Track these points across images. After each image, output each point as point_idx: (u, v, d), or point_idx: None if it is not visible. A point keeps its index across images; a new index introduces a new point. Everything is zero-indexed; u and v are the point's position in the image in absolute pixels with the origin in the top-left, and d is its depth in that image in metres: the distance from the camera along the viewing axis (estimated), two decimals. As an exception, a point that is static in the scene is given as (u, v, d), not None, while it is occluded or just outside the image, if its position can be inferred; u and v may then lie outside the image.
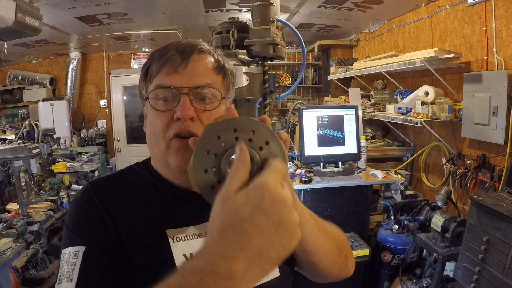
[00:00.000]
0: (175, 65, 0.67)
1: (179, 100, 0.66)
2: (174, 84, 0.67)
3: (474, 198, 1.86)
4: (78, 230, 0.64)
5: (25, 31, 2.45)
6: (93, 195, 0.68)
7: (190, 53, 0.68)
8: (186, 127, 0.65)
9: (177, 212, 0.69)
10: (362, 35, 4.48)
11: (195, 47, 0.69)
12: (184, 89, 0.66)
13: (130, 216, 0.67)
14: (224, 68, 0.72)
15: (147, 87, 0.71)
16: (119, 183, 0.73)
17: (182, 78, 0.67)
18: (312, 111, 2.73)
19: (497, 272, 1.66)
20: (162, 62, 0.68)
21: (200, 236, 0.68)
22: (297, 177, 2.58)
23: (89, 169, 3.60)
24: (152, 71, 0.69)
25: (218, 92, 0.69)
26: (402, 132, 3.56)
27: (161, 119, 0.67)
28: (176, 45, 0.69)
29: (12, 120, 5.03)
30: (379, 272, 2.58)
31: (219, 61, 0.72)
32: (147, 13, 3.53)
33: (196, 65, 0.68)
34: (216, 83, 0.70)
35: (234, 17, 2.48)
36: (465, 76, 2.50)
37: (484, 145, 2.46)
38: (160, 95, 0.67)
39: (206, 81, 0.68)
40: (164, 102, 0.67)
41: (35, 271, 2.72)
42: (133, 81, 5.62)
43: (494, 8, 2.32)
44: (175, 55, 0.67)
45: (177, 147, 0.66)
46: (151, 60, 0.70)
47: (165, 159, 0.68)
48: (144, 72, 0.71)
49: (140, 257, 0.63)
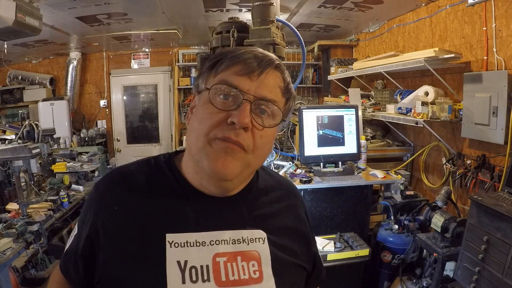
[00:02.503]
0: (249, 69, 0.64)
1: (239, 105, 0.63)
2: (241, 86, 0.63)
3: (474, 198, 1.86)
4: (80, 217, 0.73)
5: (25, 31, 2.45)
6: (100, 196, 0.70)
7: (268, 65, 0.66)
8: (236, 135, 0.62)
9: (184, 216, 0.68)
10: (362, 35, 4.48)
11: (274, 61, 0.67)
12: (249, 96, 0.63)
13: (132, 216, 0.67)
14: (290, 92, 0.70)
15: (208, 79, 0.67)
16: (137, 175, 0.71)
17: (251, 85, 0.64)
18: (312, 111, 2.73)
19: (497, 272, 1.66)
20: (236, 61, 0.65)
21: (203, 244, 0.66)
22: (297, 177, 2.58)
23: (89, 169, 3.60)
24: (221, 66, 0.66)
25: (280, 112, 0.67)
26: (402, 132, 3.56)
27: (213, 116, 0.63)
28: (254, 51, 0.67)
29: (12, 120, 5.03)
30: (379, 272, 2.58)
31: (289, 83, 0.70)
32: (147, 13, 3.53)
33: (269, 78, 0.66)
34: (279, 103, 0.67)
35: (234, 17, 2.48)
36: (465, 76, 2.50)
37: (484, 145, 2.46)
38: (222, 91, 0.64)
39: (272, 96, 0.66)
40: (223, 100, 0.64)
41: (35, 271, 2.72)
42: (133, 81, 5.63)
43: (494, 8, 2.32)
44: (252, 60, 0.65)
45: (219, 147, 0.63)
46: (224, 55, 0.67)
47: (200, 158, 0.65)
48: (211, 64, 0.68)
49: (129, 260, 0.63)
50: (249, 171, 0.70)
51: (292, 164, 2.77)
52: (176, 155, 0.77)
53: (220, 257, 0.66)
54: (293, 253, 0.74)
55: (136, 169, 0.73)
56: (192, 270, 0.63)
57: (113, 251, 0.64)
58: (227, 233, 0.68)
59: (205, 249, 0.65)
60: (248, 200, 0.74)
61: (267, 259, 0.69)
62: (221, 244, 0.67)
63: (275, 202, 0.78)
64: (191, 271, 0.63)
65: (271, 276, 0.68)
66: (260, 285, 0.66)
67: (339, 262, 2.23)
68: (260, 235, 0.71)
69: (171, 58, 5.52)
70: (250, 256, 0.68)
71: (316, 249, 0.84)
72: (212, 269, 0.64)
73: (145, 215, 0.67)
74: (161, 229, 0.65)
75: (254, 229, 0.71)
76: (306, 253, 0.78)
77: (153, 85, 5.66)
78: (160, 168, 0.73)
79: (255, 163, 0.68)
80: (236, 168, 0.64)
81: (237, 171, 0.65)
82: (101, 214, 0.67)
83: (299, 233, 0.78)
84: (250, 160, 0.66)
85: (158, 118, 5.72)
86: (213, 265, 0.65)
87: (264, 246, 0.70)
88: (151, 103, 5.74)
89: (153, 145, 5.76)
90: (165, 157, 0.75)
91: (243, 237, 0.69)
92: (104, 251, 0.65)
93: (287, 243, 0.74)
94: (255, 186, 0.76)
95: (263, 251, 0.69)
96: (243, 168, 0.65)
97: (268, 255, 0.69)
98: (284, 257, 0.72)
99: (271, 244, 0.71)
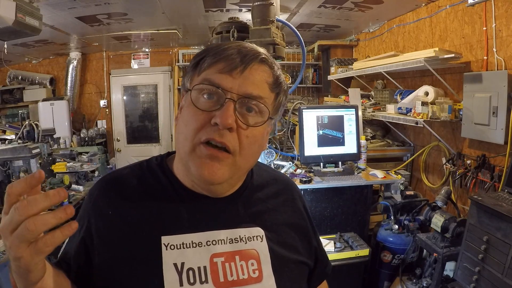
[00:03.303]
0: (231, 66, 0.61)
1: (222, 105, 0.60)
2: (223, 84, 0.61)
3: (474, 198, 1.86)
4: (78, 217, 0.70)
5: (25, 31, 2.45)
6: (94, 201, 0.69)
7: (252, 59, 0.63)
8: (221, 136, 0.60)
9: (179, 217, 0.67)
10: (362, 35, 4.48)
11: (259, 55, 0.64)
12: (232, 95, 0.61)
13: (126, 219, 0.66)
14: (280, 86, 0.67)
15: (192, 78, 0.65)
16: (130, 179, 0.71)
17: (234, 82, 0.61)
18: (312, 111, 2.73)
19: (497, 272, 1.66)
20: (218, 58, 0.62)
21: (199, 245, 0.65)
22: (297, 177, 2.58)
23: (89, 169, 3.60)
24: (204, 64, 0.63)
25: (266, 109, 0.64)
26: (402, 132, 3.56)
27: (196, 118, 0.62)
28: (238, 46, 0.64)
29: (12, 120, 5.03)
30: (379, 272, 2.58)
31: (278, 77, 0.67)
32: (147, 13, 3.53)
33: (254, 74, 0.63)
34: (267, 99, 0.64)
35: (234, 17, 2.49)
36: (465, 76, 2.50)
37: (484, 145, 2.46)
38: (205, 90, 0.62)
39: (258, 93, 0.63)
40: (207, 99, 0.62)
41: (35, 271, 2.72)
42: (133, 81, 5.63)
43: (494, 8, 2.31)
44: (235, 55, 0.62)
45: (203, 154, 0.61)
46: (207, 52, 0.65)
47: (187, 162, 0.64)
48: (194, 63, 0.66)
49: (125, 264, 0.62)
50: (239, 173, 0.68)
51: (292, 164, 2.77)
52: (167, 157, 0.76)
53: (218, 257, 0.65)
54: (293, 249, 0.73)
55: (129, 173, 0.72)
56: (189, 272, 0.62)
57: (108, 255, 0.64)
58: (224, 233, 0.67)
59: (201, 250, 0.64)
60: (243, 198, 0.72)
61: (266, 257, 0.68)
62: (218, 244, 0.66)
63: (271, 198, 0.77)
64: (188, 273, 0.62)
65: (271, 274, 0.67)
66: (260, 285, 0.65)
67: (339, 262, 2.23)
68: (258, 233, 0.69)
69: (171, 58, 5.52)
70: (249, 255, 0.67)
71: (318, 243, 0.83)
72: (210, 270, 0.63)
73: (139, 218, 0.66)
74: (156, 232, 0.64)
75: (251, 226, 0.70)
76: (307, 248, 0.77)
77: (153, 85, 5.66)
78: (152, 170, 0.72)
79: (244, 165, 0.67)
80: (223, 173, 0.63)
81: (225, 176, 0.63)
82: (95, 219, 0.66)
83: (298, 228, 0.77)
84: (238, 162, 0.64)
85: (158, 118, 5.72)
86: (210, 266, 0.64)
87: (262, 244, 0.69)
88: (151, 103, 5.74)
89: (153, 145, 5.76)
90: (157, 160, 0.75)
91: (240, 236, 0.68)
92: (99, 256, 0.64)
93: (286, 239, 0.73)
94: (250, 183, 0.75)
95: (261, 249, 0.68)
96: (231, 172, 0.64)
97: (267, 253, 0.68)
98: (284, 254, 0.71)
99: (269, 241, 0.69)
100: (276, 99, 0.67)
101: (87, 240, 0.65)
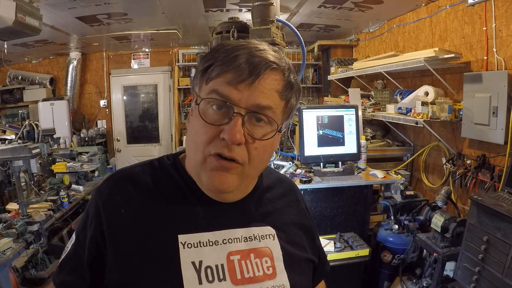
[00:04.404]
0: (240, 78, 0.60)
1: (231, 119, 0.60)
2: (232, 97, 0.60)
3: (474, 198, 1.86)
4: (79, 224, 0.70)
5: (25, 31, 2.45)
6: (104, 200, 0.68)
7: (261, 70, 0.61)
8: (230, 151, 0.60)
9: (195, 216, 0.67)
10: (362, 35, 4.48)
11: (269, 65, 0.62)
12: (240, 109, 0.60)
13: (141, 218, 0.66)
14: (291, 89, 0.66)
15: (201, 86, 0.65)
16: (143, 177, 0.70)
17: (243, 94, 0.60)
18: (312, 111, 2.72)
19: (497, 272, 1.66)
20: (226, 68, 0.61)
21: (216, 244, 0.66)
22: (297, 177, 2.58)
23: (89, 169, 3.60)
24: (212, 73, 0.62)
25: (276, 118, 0.64)
26: (402, 132, 3.56)
27: (205, 131, 0.62)
28: (249, 53, 0.61)
29: (12, 120, 5.03)
30: (379, 272, 2.58)
31: (289, 82, 0.65)
32: (147, 13, 3.53)
33: (263, 84, 0.61)
34: (277, 109, 0.64)
35: (234, 17, 2.48)
36: (465, 76, 2.50)
37: (484, 145, 2.46)
38: (213, 102, 0.61)
39: (267, 103, 0.62)
40: (216, 111, 0.61)
41: (35, 271, 2.72)
42: (133, 81, 5.63)
43: (494, 8, 2.31)
44: (244, 66, 0.60)
45: (213, 166, 0.62)
46: (215, 58, 0.63)
47: (198, 172, 0.65)
48: (203, 69, 0.64)
49: (142, 263, 0.62)
50: (249, 180, 0.70)
51: (292, 164, 2.77)
52: (178, 156, 0.76)
53: (234, 255, 0.66)
54: (301, 247, 0.76)
55: (140, 171, 0.72)
56: (207, 270, 0.63)
57: (123, 255, 0.63)
58: (239, 231, 0.69)
59: (218, 248, 0.66)
60: (254, 198, 0.75)
61: (279, 255, 0.70)
62: (234, 242, 0.67)
63: (279, 199, 0.79)
64: (206, 271, 0.63)
65: (284, 271, 0.69)
66: (274, 281, 0.67)
67: (339, 262, 2.23)
68: (270, 232, 0.72)
69: (171, 58, 5.52)
70: (263, 252, 0.69)
71: (320, 243, 0.86)
72: (227, 267, 0.65)
73: (154, 217, 0.66)
74: (172, 231, 0.65)
75: (262, 226, 0.72)
76: (312, 246, 0.80)
77: (153, 85, 5.66)
78: (166, 169, 0.72)
79: (253, 173, 0.69)
80: (233, 182, 0.64)
81: (235, 184, 0.65)
82: (107, 218, 0.66)
83: (304, 228, 0.80)
84: (248, 171, 0.65)
85: (158, 118, 5.72)
86: (227, 263, 0.65)
87: (274, 242, 0.71)
88: (151, 103, 5.74)
89: (153, 145, 5.76)
90: (170, 159, 0.74)
91: (254, 234, 0.70)
92: (113, 255, 0.64)
93: (294, 238, 0.75)
94: (260, 185, 0.77)
95: (274, 247, 0.70)
96: (241, 180, 0.66)
97: (279, 251, 0.70)
98: (294, 251, 0.73)
99: (280, 240, 0.72)
100: (286, 105, 0.66)
101: (98, 239, 0.65)
